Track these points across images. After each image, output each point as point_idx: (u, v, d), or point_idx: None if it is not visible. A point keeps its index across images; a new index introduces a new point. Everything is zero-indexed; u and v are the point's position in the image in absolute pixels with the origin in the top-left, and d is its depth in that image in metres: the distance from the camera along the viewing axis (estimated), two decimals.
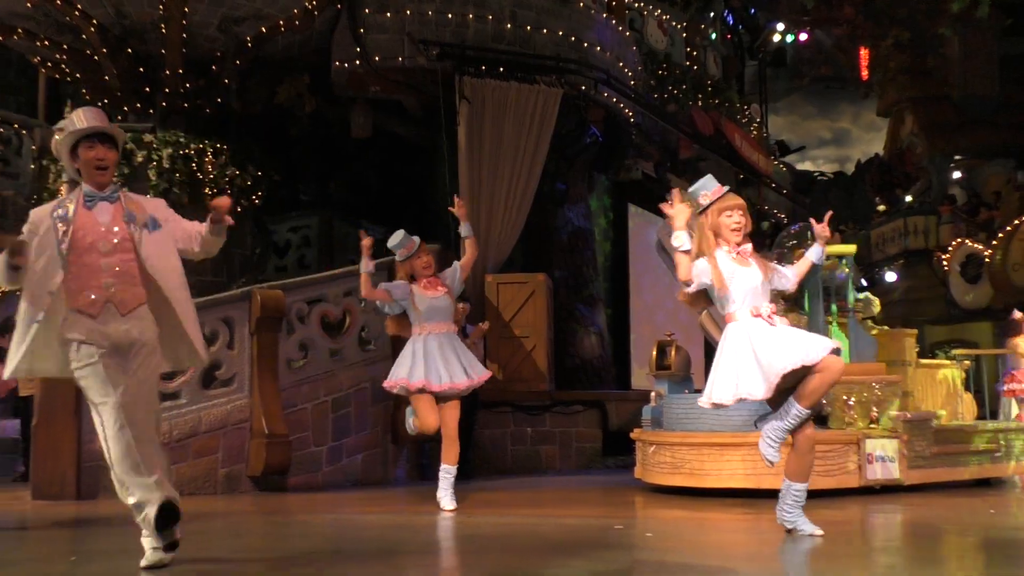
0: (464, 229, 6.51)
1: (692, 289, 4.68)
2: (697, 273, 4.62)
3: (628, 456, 8.87)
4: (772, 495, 6.63)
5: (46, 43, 11.24)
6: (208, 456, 7.67)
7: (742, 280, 4.62)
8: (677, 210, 4.67)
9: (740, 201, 4.76)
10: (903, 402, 7.55)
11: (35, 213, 3.98)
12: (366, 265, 6.38)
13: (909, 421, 7.20)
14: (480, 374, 6.53)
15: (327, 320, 8.67)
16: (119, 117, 10.81)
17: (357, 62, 11.10)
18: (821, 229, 4.98)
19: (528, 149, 10.86)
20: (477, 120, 10.72)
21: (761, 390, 4.49)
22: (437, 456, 9.10)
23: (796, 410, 4.56)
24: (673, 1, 16.06)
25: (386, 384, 6.48)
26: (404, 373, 6.31)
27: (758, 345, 4.52)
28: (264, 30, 11.06)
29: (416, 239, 6.49)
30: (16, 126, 11.33)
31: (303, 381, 8.36)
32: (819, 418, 7.12)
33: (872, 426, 7.14)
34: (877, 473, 6.98)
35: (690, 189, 4.84)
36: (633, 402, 10.27)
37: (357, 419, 8.65)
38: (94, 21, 10.57)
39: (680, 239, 4.64)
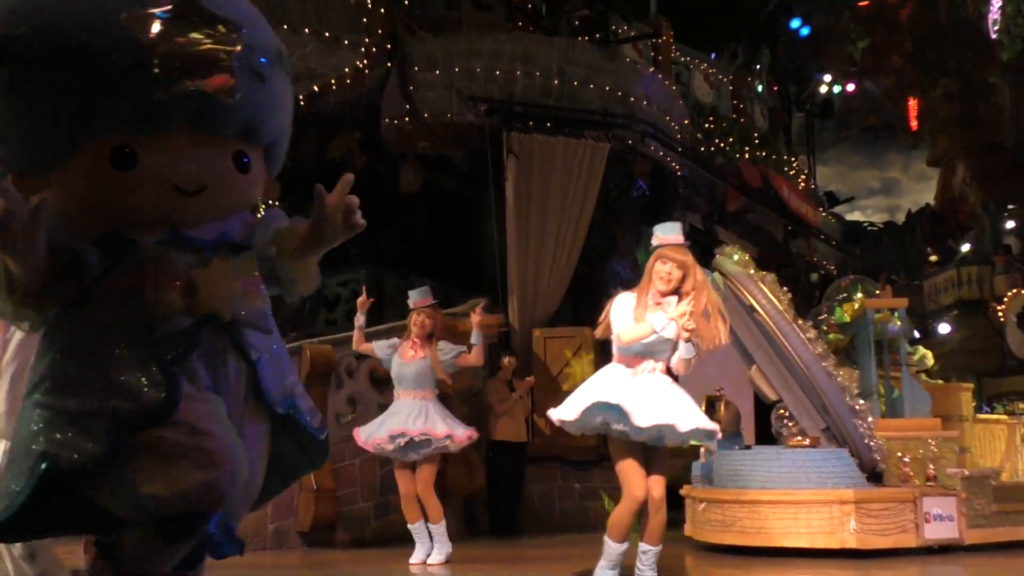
0: (475, 337, 6.56)
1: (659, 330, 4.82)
2: (619, 307, 4.80)
3: (678, 512, 8.75)
4: (826, 554, 6.51)
5: None
6: (258, 511, 7.69)
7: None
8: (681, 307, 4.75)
9: (681, 257, 4.92)
10: (960, 458, 7.40)
11: None
12: (359, 319, 6.52)
13: (967, 478, 7.04)
14: (459, 432, 6.48)
15: (376, 375, 8.72)
16: None
17: (407, 119, 11.27)
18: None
19: (575, 203, 10.91)
20: (525, 174, 10.80)
21: (569, 415, 4.77)
22: (485, 511, 9.07)
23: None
24: (719, 55, 16.14)
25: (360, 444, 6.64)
26: (364, 432, 6.42)
27: (617, 386, 4.71)
28: (316, 88, 11.28)
29: (429, 298, 6.57)
30: None
31: (351, 436, 8.38)
32: (874, 475, 7.00)
33: (929, 483, 6.99)
34: (936, 532, 6.81)
35: (656, 227, 5.12)
36: (682, 457, 10.13)
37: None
38: None
39: (659, 322, 4.79)
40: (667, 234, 5.03)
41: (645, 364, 4.81)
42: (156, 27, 1.98)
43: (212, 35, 2.04)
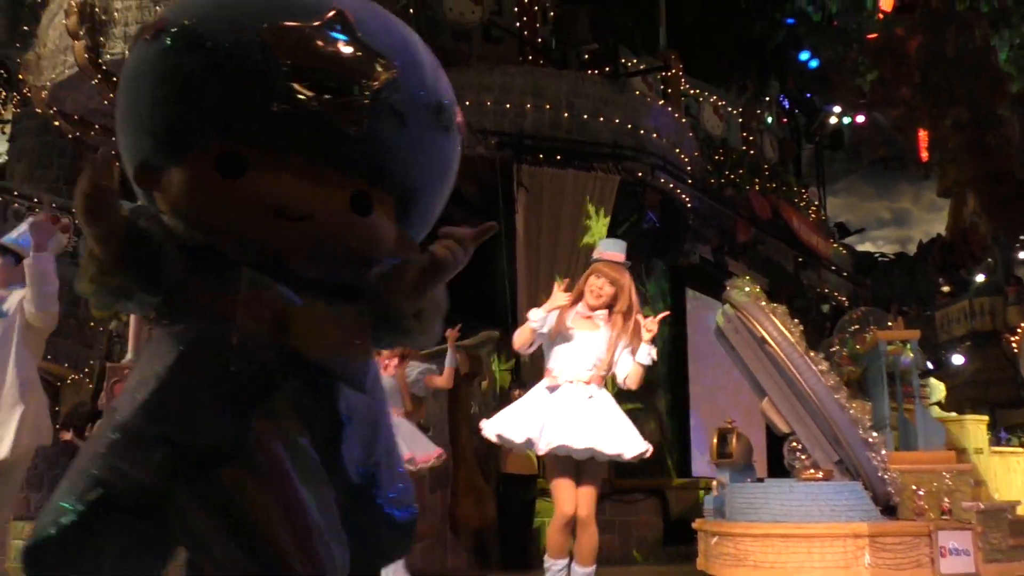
0: (449, 358, 6.51)
1: (537, 327, 4.81)
2: (541, 317, 4.77)
3: (690, 546, 8.69)
4: None
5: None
6: None
7: (575, 342, 4.78)
8: (556, 296, 4.81)
9: (616, 275, 4.89)
10: (976, 492, 7.33)
11: None
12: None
13: (983, 512, 6.97)
14: (421, 453, 6.35)
15: None
16: None
17: None
18: (650, 323, 4.93)
19: (586, 235, 10.94)
20: (535, 207, 10.85)
21: (516, 437, 4.73)
22: (497, 544, 8.98)
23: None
24: (729, 87, 16.21)
25: None
26: None
27: (550, 405, 4.70)
28: None
29: None
30: None
31: None
32: (888, 509, 6.94)
33: (944, 517, 6.93)
34: (952, 567, 6.74)
35: (599, 241, 5.20)
36: (694, 490, 10.09)
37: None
38: None
39: (535, 315, 4.84)
40: (608, 250, 5.01)
41: (583, 374, 4.79)
42: (296, 39, 1.90)
43: (353, 60, 1.94)
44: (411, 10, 11.49)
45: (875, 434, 7.01)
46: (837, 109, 23.19)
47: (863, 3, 18.22)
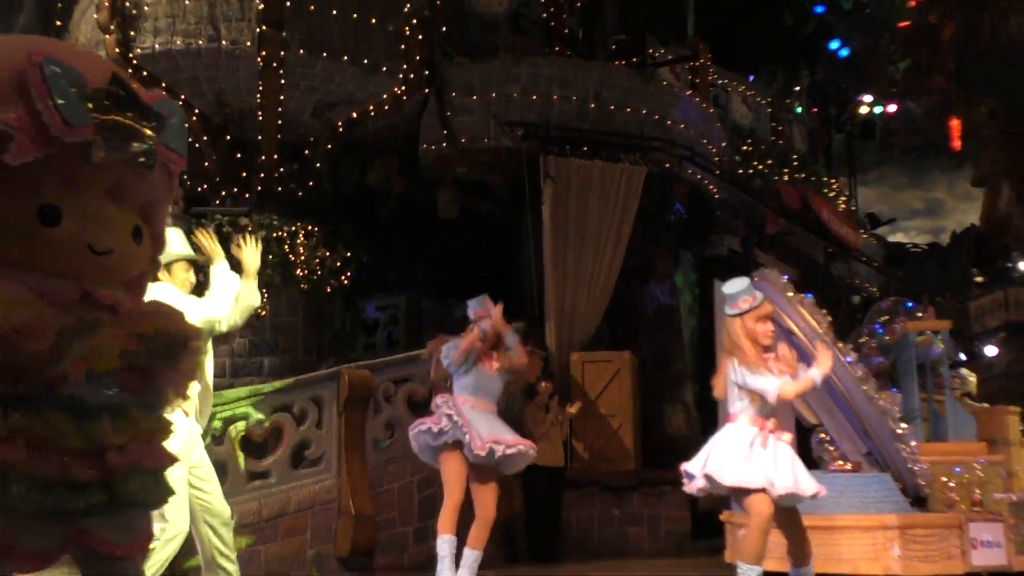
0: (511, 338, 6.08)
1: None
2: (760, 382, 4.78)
3: (718, 538, 8.65)
4: None
5: None
6: (297, 536, 7.72)
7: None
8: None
9: (771, 309, 4.99)
10: (1007, 483, 7.24)
11: None
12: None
13: (1015, 503, 6.89)
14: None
15: (413, 399, 8.73)
16: (216, 201, 11.22)
17: (444, 144, 11.35)
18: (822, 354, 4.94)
19: (613, 227, 10.91)
20: (562, 198, 10.83)
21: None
22: (524, 536, 8.96)
23: None
24: (758, 77, 16.10)
25: None
26: None
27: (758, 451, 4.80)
28: (355, 115, 11.41)
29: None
30: None
31: (389, 461, 8.40)
32: (918, 500, 6.88)
33: (975, 509, 6.86)
34: (983, 559, 6.67)
35: (728, 291, 4.92)
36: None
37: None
38: (196, 110, 11.06)
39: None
40: (752, 293, 4.89)
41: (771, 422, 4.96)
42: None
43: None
44: (437, 2, 11.49)
45: (904, 425, 6.94)
46: (868, 98, 22.93)
47: None
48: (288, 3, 10.40)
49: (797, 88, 18.09)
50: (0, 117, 2.09)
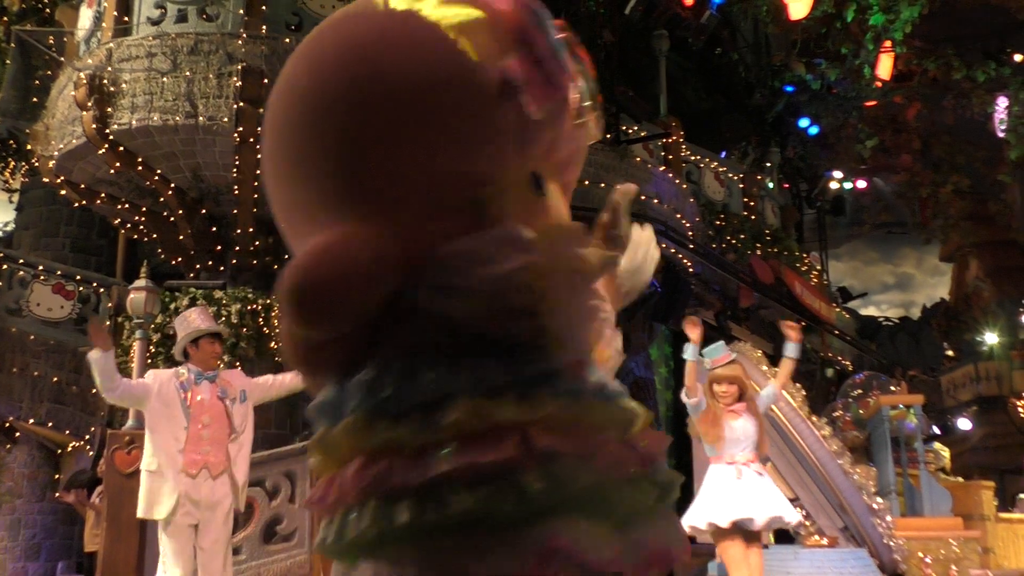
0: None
1: (693, 402, 5.79)
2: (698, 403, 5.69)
3: None
4: None
5: (126, 206, 11.79)
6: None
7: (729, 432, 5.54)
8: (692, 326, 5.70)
9: (732, 373, 5.60)
10: (984, 559, 7.24)
11: (156, 373, 5.35)
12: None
13: None
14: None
15: None
16: (191, 275, 11.20)
17: None
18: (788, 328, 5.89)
19: None
20: None
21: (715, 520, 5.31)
22: None
23: None
24: (729, 153, 16.37)
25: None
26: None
27: (726, 488, 5.36)
28: None
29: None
30: (95, 285, 11.79)
31: None
32: None
33: None
34: None
35: (704, 351, 5.75)
36: (700, 556, 9.94)
37: None
38: (172, 185, 11.11)
39: (688, 351, 5.72)
40: (717, 355, 5.92)
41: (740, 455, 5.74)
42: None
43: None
44: None
45: (880, 500, 6.95)
46: (838, 175, 23.37)
47: (861, 72, 18.45)
48: (266, 80, 10.53)
49: (768, 164, 18.40)
50: (503, 65, 1.49)
